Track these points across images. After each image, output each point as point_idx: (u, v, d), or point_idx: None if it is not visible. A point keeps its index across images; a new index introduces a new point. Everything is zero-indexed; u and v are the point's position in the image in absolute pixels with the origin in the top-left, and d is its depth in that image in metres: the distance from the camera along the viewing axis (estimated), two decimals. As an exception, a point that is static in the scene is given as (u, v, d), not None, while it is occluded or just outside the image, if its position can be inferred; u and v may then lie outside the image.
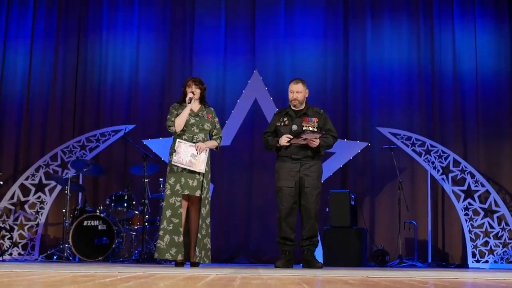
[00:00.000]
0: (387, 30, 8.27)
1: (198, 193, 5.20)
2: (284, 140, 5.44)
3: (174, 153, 5.15)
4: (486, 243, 7.43)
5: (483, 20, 8.13)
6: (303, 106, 5.63)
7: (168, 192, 5.19)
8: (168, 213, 5.15)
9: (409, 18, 8.26)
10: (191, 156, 5.14)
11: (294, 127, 5.50)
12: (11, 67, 8.48)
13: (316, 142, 5.41)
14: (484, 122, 7.93)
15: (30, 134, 8.32)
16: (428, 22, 8.21)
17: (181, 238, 5.14)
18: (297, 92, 5.57)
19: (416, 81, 8.12)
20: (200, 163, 5.17)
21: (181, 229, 5.14)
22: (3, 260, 7.02)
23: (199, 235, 5.17)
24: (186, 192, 5.17)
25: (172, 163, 5.14)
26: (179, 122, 5.22)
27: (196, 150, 5.18)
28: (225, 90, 8.27)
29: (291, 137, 5.42)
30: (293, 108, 5.63)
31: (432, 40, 8.15)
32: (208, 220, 5.26)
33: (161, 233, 5.15)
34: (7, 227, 7.68)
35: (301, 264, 5.66)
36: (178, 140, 5.19)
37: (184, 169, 5.16)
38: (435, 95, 8.06)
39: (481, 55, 8.05)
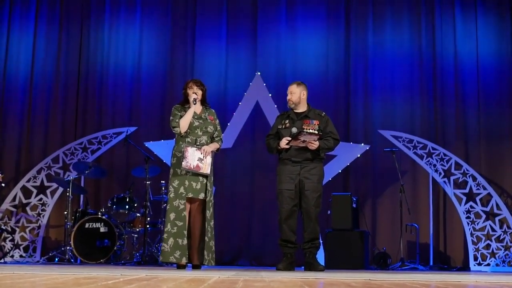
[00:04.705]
0: (388, 33, 8.27)
1: (201, 196, 5.20)
2: (283, 142, 5.45)
3: (181, 158, 5.14)
4: (488, 246, 7.42)
5: (484, 17, 8.13)
6: (304, 109, 5.63)
7: (171, 195, 5.19)
8: (172, 216, 5.15)
9: (411, 19, 8.27)
10: (198, 160, 5.16)
11: (294, 129, 5.50)
12: (13, 69, 8.50)
13: (315, 144, 5.41)
14: (485, 125, 7.93)
15: (32, 136, 8.33)
16: (429, 20, 8.21)
17: (185, 241, 5.14)
18: (291, 93, 5.61)
19: (418, 84, 8.13)
20: (206, 166, 5.19)
21: (185, 232, 5.14)
22: (5, 262, 7.01)
23: (206, 238, 5.18)
24: (190, 195, 5.17)
25: (181, 168, 5.13)
26: (184, 124, 5.23)
27: (202, 153, 5.19)
28: (226, 92, 8.28)
29: (290, 139, 5.43)
30: (294, 110, 5.63)
31: (434, 42, 8.15)
32: (212, 223, 5.27)
33: (165, 236, 5.15)
34: (9, 229, 7.68)
35: (303, 267, 5.66)
36: (184, 145, 5.19)
37: (188, 172, 5.17)
38: (437, 99, 8.06)
39: (482, 56, 8.05)
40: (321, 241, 5.89)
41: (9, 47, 8.54)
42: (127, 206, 7.07)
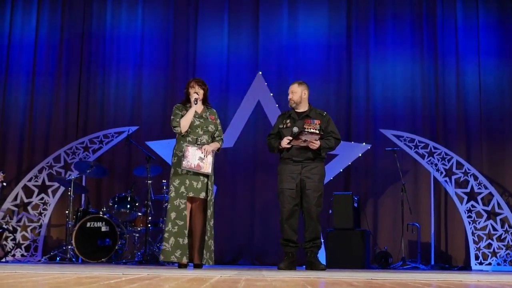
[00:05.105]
0: (390, 31, 8.28)
1: (202, 195, 5.20)
2: (284, 142, 5.45)
3: (182, 158, 5.14)
4: (489, 246, 7.42)
5: (486, 20, 8.13)
6: (305, 108, 5.62)
7: (172, 194, 5.19)
8: (173, 215, 5.15)
9: (412, 18, 8.27)
10: (198, 159, 5.15)
11: (295, 129, 5.50)
12: (14, 68, 8.51)
13: (316, 144, 5.41)
14: (487, 124, 7.93)
15: (34, 135, 8.34)
16: (431, 22, 8.21)
17: (186, 240, 5.14)
18: (292, 92, 5.61)
19: (419, 82, 8.13)
20: (207, 165, 5.19)
21: (186, 231, 5.15)
22: (6, 261, 7.02)
23: (206, 237, 5.18)
24: (191, 194, 5.17)
25: (182, 167, 5.13)
26: (184, 123, 5.22)
27: (203, 153, 5.19)
28: (228, 92, 8.28)
29: (291, 138, 5.42)
30: (295, 110, 5.63)
31: (435, 41, 8.16)
32: (211, 222, 5.27)
33: (166, 235, 5.15)
34: (10, 228, 7.69)
35: (304, 266, 5.66)
36: (185, 144, 5.19)
37: (189, 171, 5.17)
38: (438, 97, 8.06)
39: (484, 57, 8.05)
40: (322, 241, 5.89)
41: (11, 48, 8.55)
42: (128, 206, 7.07)
